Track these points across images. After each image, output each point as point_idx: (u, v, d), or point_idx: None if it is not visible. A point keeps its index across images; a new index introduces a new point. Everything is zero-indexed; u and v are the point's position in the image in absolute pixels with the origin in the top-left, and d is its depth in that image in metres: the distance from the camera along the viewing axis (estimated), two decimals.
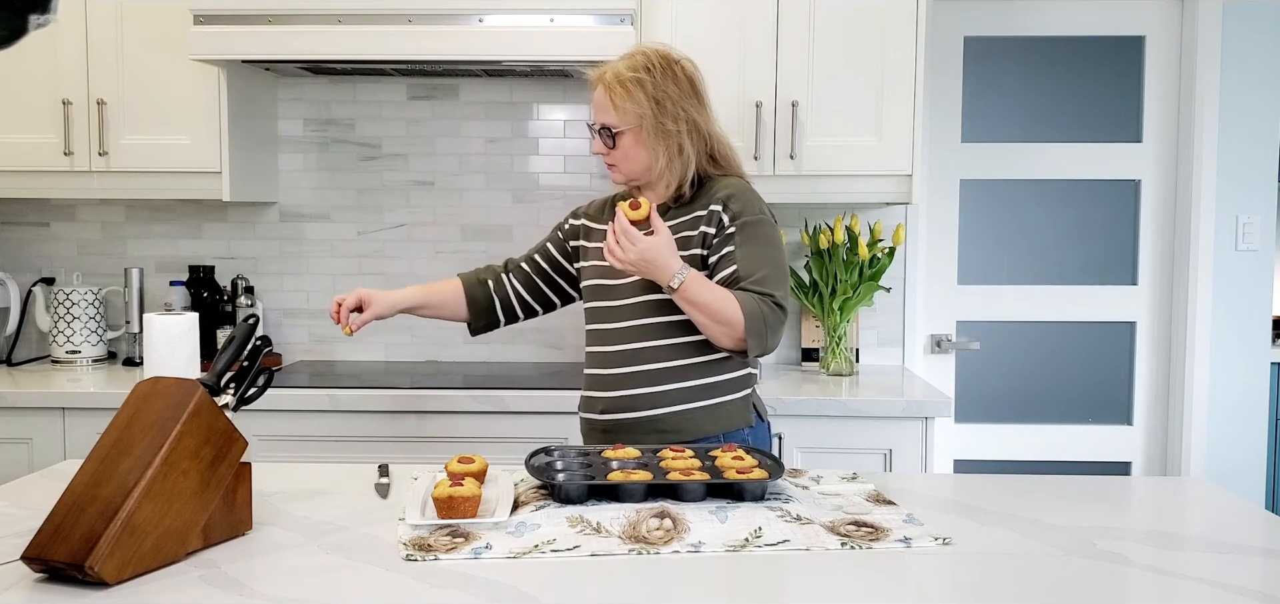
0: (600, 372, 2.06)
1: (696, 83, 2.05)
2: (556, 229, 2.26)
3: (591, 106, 2.09)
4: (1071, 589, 1.29)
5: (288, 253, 3.29)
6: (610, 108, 2.01)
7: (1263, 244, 3.33)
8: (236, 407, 1.49)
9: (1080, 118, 3.37)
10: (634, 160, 2.03)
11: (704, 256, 2.00)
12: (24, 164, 2.95)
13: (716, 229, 1.99)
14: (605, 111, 2.03)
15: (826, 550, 1.41)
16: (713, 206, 1.99)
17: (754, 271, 1.95)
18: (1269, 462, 3.51)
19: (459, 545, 1.40)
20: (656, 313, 1.99)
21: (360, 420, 2.69)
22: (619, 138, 2.01)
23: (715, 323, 1.91)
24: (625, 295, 2.03)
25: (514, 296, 2.25)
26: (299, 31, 2.71)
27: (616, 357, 2.03)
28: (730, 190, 2.01)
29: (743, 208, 2.00)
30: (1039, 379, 3.44)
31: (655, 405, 2.00)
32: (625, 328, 2.02)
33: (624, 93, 2.00)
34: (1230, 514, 1.63)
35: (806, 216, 3.21)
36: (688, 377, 2.00)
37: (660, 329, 1.99)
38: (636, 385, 2.01)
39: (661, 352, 2.00)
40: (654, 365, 2.00)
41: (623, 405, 2.02)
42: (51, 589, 1.25)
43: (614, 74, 2.02)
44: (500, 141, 3.25)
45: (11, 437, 2.72)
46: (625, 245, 1.88)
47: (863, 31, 2.84)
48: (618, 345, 2.03)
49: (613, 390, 2.03)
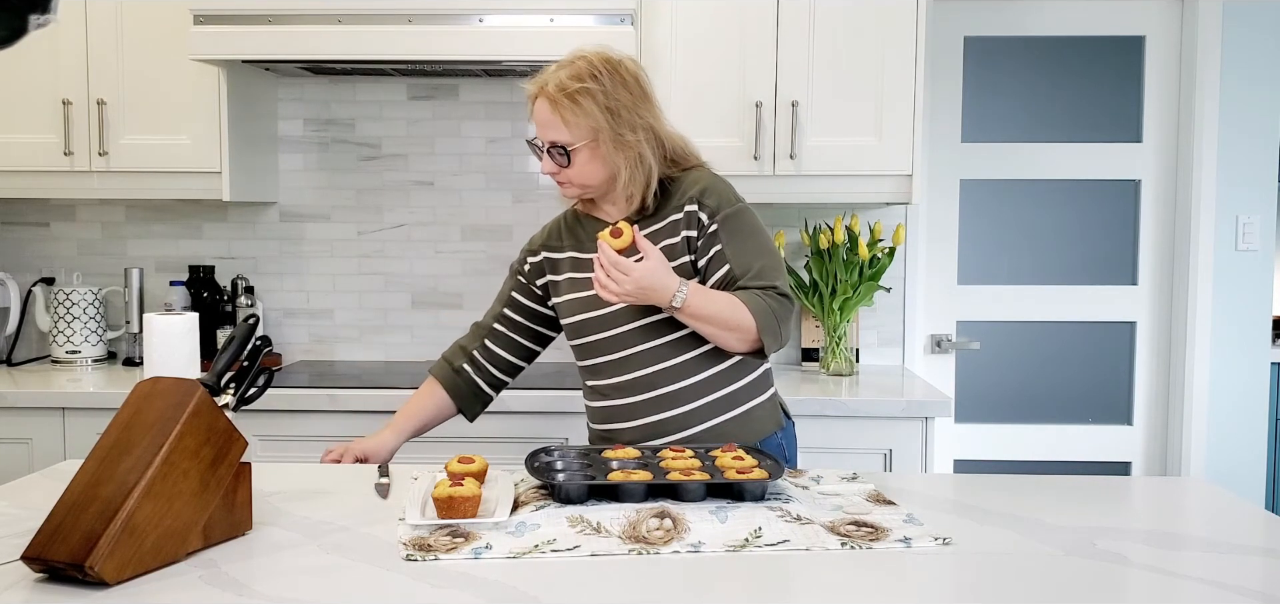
0: (616, 403, 1.94)
1: (644, 82, 1.91)
2: (515, 276, 2.09)
3: (532, 122, 1.91)
4: (1071, 589, 1.29)
5: (288, 253, 3.29)
6: (559, 123, 1.85)
7: (1263, 244, 3.33)
8: (236, 407, 1.49)
9: (1080, 118, 3.37)
10: (590, 175, 1.88)
11: (692, 261, 1.90)
12: (24, 164, 2.95)
13: (697, 231, 1.88)
14: (552, 128, 1.86)
15: (826, 550, 1.41)
16: (687, 207, 1.88)
17: (749, 267, 1.87)
18: (1269, 462, 3.51)
19: (459, 545, 1.40)
20: (661, 332, 1.88)
21: (360, 420, 2.69)
22: (573, 154, 1.86)
23: (725, 331, 1.83)
24: (621, 322, 1.90)
25: (496, 367, 2.09)
26: (299, 31, 2.71)
27: (631, 386, 1.91)
28: (700, 185, 1.90)
29: (719, 201, 1.89)
30: (1039, 379, 3.44)
31: (686, 426, 1.90)
32: (633, 355, 1.90)
33: (572, 105, 1.83)
34: (1230, 514, 1.63)
35: (806, 216, 3.21)
36: (711, 389, 1.90)
37: (670, 348, 1.89)
38: (661, 410, 1.90)
39: (678, 371, 1.89)
40: (674, 386, 1.89)
41: (651, 433, 1.90)
42: (51, 589, 1.25)
43: (557, 85, 1.85)
44: (500, 141, 3.25)
45: (11, 437, 2.72)
46: (618, 278, 1.76)
47: (863, 31, 2.84)
48: (629, 374, 1.91)
49: (636, 420, 1.92)
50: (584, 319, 1.94)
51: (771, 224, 3.24)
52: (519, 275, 2.09)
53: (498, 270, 3.26)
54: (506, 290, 2.11)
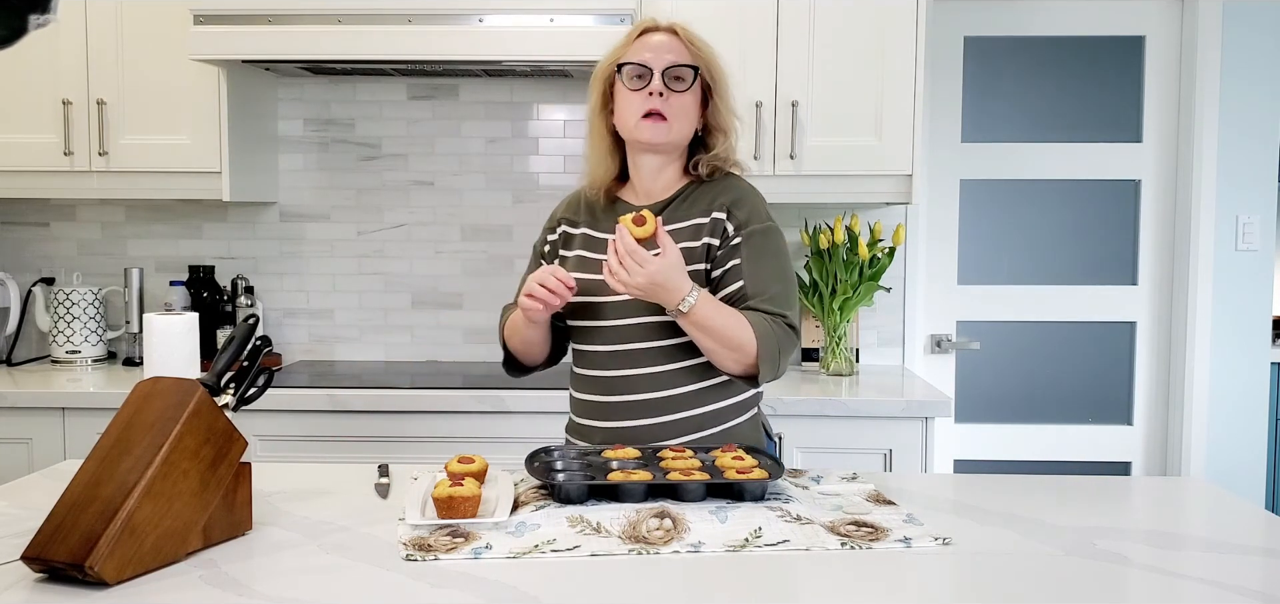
0: (597, 399, 1.86)
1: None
2: (538, 256, 2.00)
3: (632, 50, 1.83)
4: (1071, 589, 1.29)
5: (288, 253, 3.29)
6: (683, 48, 1.81)
7: (1263, 244, 3.33)
8: (236, 407, 1.49)
9: (1080, 118, 3.37)
10: (687, 120, 1.82)
11: (707, 270, 1.82)
12: (24, 164, 2.95)
13: (720, 239, 1.81)
14: (674, 51, 1.81)
15: (826, 550, 1.40)
16: (716, 214, 1.81)
17: (764, 289, 1.79)
18: (1269, 462, 3.51)
19: (459, 545, 1.40)
20: (659, 335, 1.81)
21: (360, 420, 2.69)
22: (694, 81, 1.80)
23: (725, 348, 1.75)
24: (619, 314, 1.82)
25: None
26: (299, 31, 2.71)
27: (618, 383, 1.84)
28: (735, 195, 1.84)
29: (749, 215, 1.82)
30: (1039, 379, 3.44)
31: (666, 437, 1.83)
32: (624, 352, 1.83)
33: (700, 41, 1.82)
34: (1230, 514, 1.63)
35: (806, 216, 3.21)
36: (699, 403, 1.83)
37: (666, 353, 1.81)
38: (641, 416, 1.83)
39: (668, 378, 1.82)
40: (661, 394, 1.82)
41: (627, 439, 1.82)
42: (51, 589, 1.25)
43: (680, 23, 1.85)
44: (500, 141, 3.25)
45: (11, 437, 2.72)
46: (631, 268, 1.68)
47: (863, 31, 2.84)
48: (616, 371, 1.84)
49: (612, 421, 1.85)
50: (587, 301, 1.85)
51: None
52: (542, 259, 1.99)
53: (498, 270, 3.26)
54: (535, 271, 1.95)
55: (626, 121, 1.83)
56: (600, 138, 1.90)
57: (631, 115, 1.82)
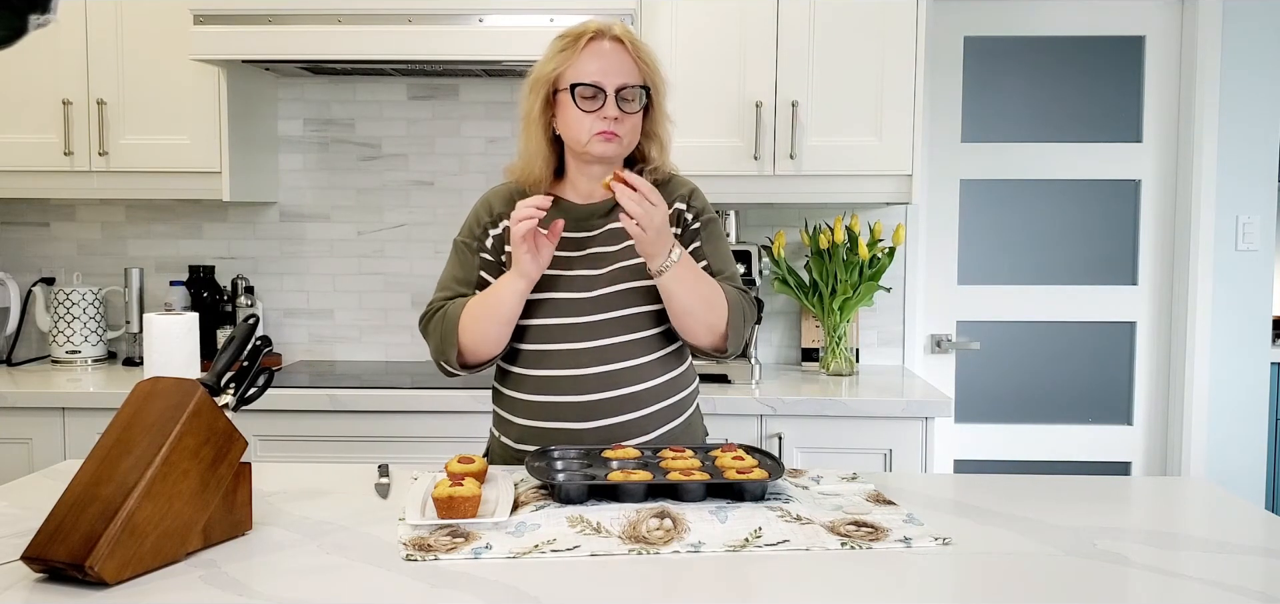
0: (564, 400, 1.81)
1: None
2: (476, 254, 1.90)
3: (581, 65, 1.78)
4: (1071, 589, 1.29)
5: (288, 253, 3.29)
6: (633, 66, 1.78)
7: (1263, 244, 3.33)
8: (236, 407, 1.49)
9: (1080, 118, 3.37)
10: (635, 133, 1.82)
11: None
12: (24, 164, 2.95)
13: (681, 228, 1.87)
14: (625, 71, 1.77)
15: (826, 550, 1.40)
16: (677, 205, 1.87)
17: (725, 268, 1.88)
18: (1269, 462, 3.51)
19: (459, 545, 1.40)
20: (630, 329, 1.81)
21: (360, 420, 2.69)
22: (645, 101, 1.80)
23: (701, 310, 1.76)
24: (589, 311, 1.80)
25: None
26: (299, 31, 2.71)
27: (591, 382, 1.80)
28: (687, 188, 1.91)
29: (702, 205, 1.91)
30: (1039, 379, 3.44)
31: (644, 430, 1.83)
32: (596, 348, 1.80)
33: (646, 50, 1.80)
34: (1230, 514, 1.63)
35: (806, 216, 3.21)
36: (666, 395, 1.86)
37: (640, 345, 1.82)
38: (617, 413, 1.81)
39: (641, 371, 1.82)
40: (635, 388, 1.81)
41: (605, 436, 1.80)
42: (51, 589, 1.25)
43: (624, 30, 1.80)
44: (500, 141, 3.25)
45: (11, 437, 2.72)
46: (649, 210, 1.66)
47: (862, 31, 2.84)
48: (589, 368, 1.80)
49: (588, 421, 1.81)
50: (550, 298, 1.80)
51: (771, 224, 3.24)
52: (483, 253, 1.91)
53: None
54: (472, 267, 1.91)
55: (578, 137, 1.80)
56: (538, 141, 1.86)
57: (583, 132, 1.79)
